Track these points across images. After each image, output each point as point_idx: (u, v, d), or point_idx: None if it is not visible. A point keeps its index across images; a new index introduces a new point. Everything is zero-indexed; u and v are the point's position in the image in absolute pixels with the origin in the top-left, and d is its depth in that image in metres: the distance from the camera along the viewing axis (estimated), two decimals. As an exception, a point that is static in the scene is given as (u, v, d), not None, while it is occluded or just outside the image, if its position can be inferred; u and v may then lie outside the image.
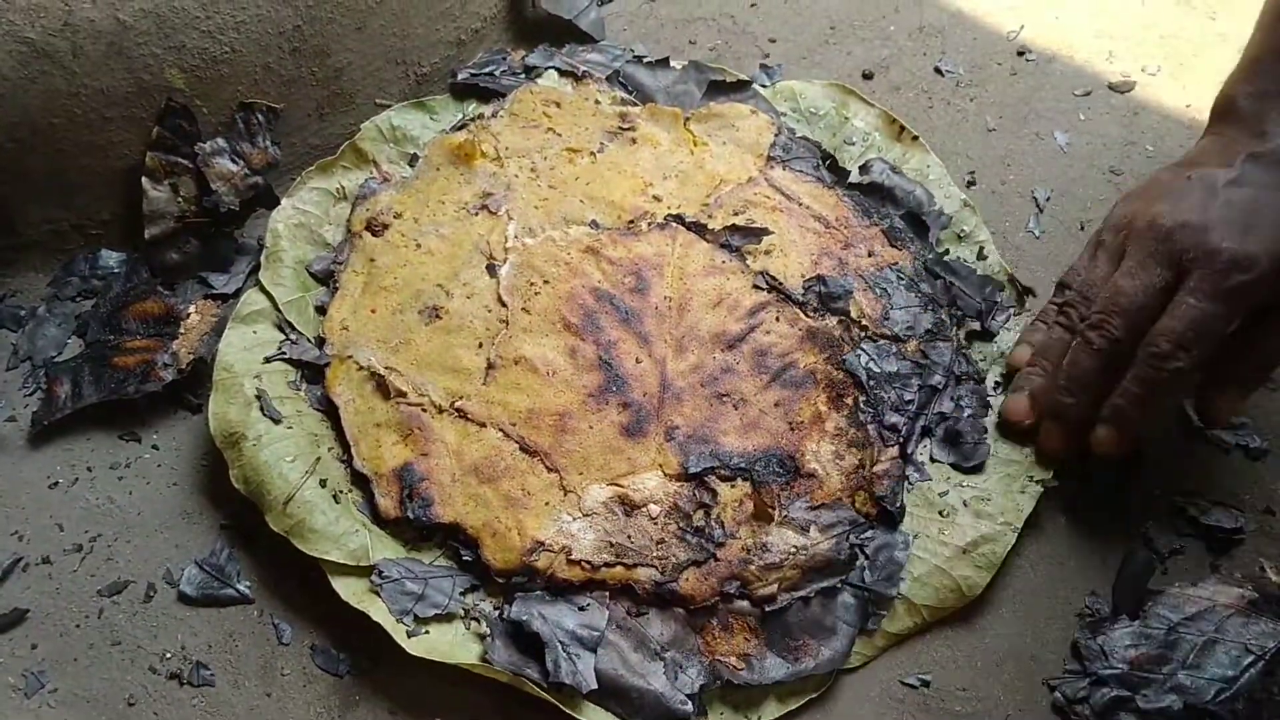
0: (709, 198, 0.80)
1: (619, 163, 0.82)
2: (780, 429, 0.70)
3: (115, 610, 0.67)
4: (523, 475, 0.68)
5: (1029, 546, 0.69)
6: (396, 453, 0.68)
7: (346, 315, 0.74)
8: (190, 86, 0.77)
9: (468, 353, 0.72)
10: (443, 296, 0.75)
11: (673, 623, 0.64)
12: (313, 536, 0.65)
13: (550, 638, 0.62)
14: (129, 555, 0.69)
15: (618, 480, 0.67)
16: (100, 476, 0.72)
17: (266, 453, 0.68)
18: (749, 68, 0.93)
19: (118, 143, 0.77)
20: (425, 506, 0.66)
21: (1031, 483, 0.69)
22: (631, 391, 0.70)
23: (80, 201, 0.79)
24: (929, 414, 0.72)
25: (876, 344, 0.73)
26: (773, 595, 0.64)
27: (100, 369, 0.74)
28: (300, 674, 0.65)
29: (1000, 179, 0.86)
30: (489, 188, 0.80)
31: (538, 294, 0.74)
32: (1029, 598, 0.68)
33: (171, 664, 0.65)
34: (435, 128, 0.85)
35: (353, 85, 0.85)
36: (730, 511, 0.67)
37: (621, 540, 0.65)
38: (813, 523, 0.66)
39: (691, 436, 0.69)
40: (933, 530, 0.68)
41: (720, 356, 0.72)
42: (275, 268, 0.76)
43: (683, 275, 0.76)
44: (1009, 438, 0.71)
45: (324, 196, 0.81)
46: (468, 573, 0.66)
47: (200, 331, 0.76)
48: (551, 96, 0.86)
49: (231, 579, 0.68)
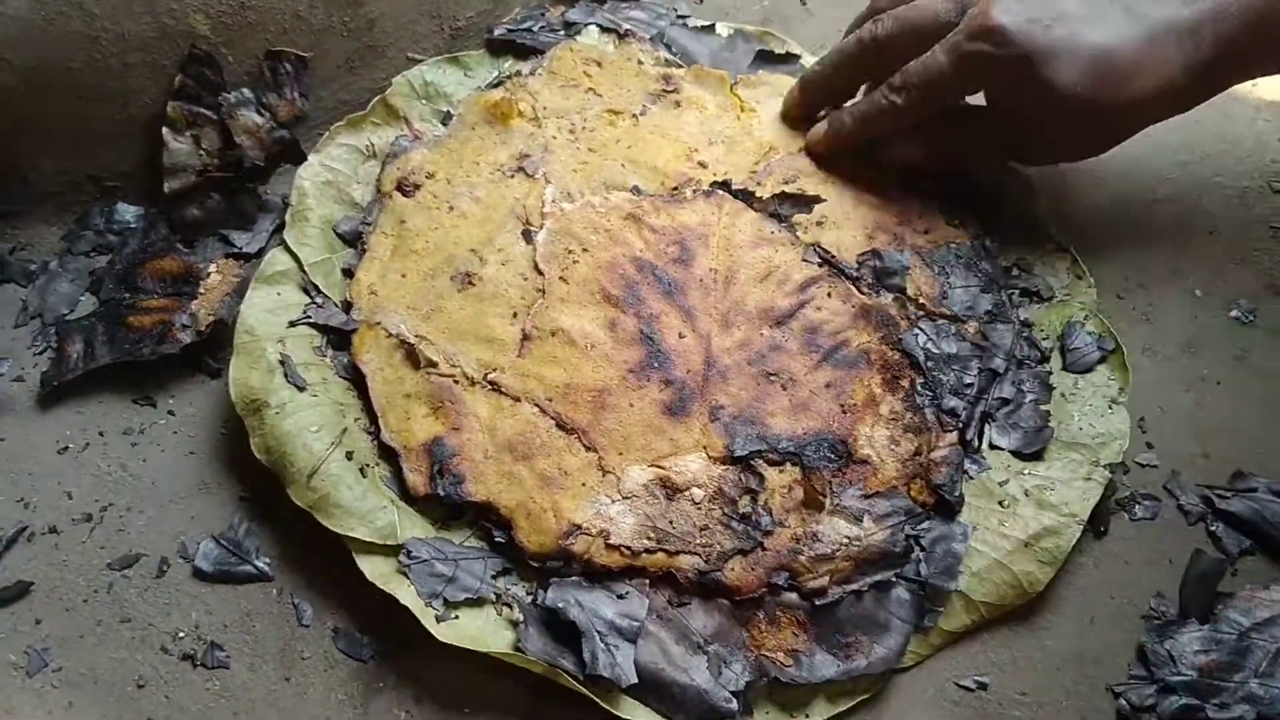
0: (757, 165, 0.77)
1: (662, 126, 0.79)
2: (832, 411, 0.67)
3: (125, 585, 0.64)
4: (559, 454, 0.64)
5: (1090, 542, 0.66)
6: (426, 426, 0.65)
7: (375, 279, 0.71)
8: (215, 32, 0.74)
9: (502, 323, 0.69)
10: (476, 263, 0.71)
11: (717, 614, 0.61)
12: (338, 512, 0.62)
13: (587, 627, 0.59)
14: (141, 527, 0.66)
15: (659, 462, 0.64)
16: (112, 442, 0.69)
17: (290, 422, 0.64)
18: (798, 32, 0.89)
19: (138, 90, 0.74)
20: (456, 484, 0.63)
21: (1098, 468, 0.66)
22: (674, 368, 0.67)
23: (97, 152, 0.76)
24: (989, 398, 0.68)
25: (935, 323, 0.70)
26: (823, 588, 0.61)
27: (114, 328, 0.71)
28: (321, 658, 0.62)
29: (1061, 156, 0.82)
30: (526, 149, 0.77)
31: (576, 262, 0.71)
32: (1091, 596, 0.65)
33: (184, 644, 0.62)
34: (470, 85, 0.82)
35: (385, 38, 0.82)
36: (778, 498, 0.64)
37: (663, 525, 0.62)
38: (866, 512, 0.63)
39: (737, 417, 0.66)
40: (992, 521, 0.64)
41: (768, 333, 0.69)
42: (301, 227, 0.73)
43: (729, 246, 0.72)
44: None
45: (352, 154, 0.77)
46: (500, 555, 0.63)
47: (221, 292, 0.73)
48: (592, 55, 0.82)
49: (250, 555, 0.65)
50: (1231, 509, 0.67)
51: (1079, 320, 0.71)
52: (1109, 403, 0.68)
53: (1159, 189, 0.81)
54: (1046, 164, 0.77)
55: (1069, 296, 0.73)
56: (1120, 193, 0.81)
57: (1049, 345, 0.71)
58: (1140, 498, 0.68)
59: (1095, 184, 0.81)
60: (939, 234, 0.74)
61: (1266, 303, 0.75)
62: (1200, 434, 0.70)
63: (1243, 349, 0.73)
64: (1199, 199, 0.80)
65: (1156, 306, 0.75)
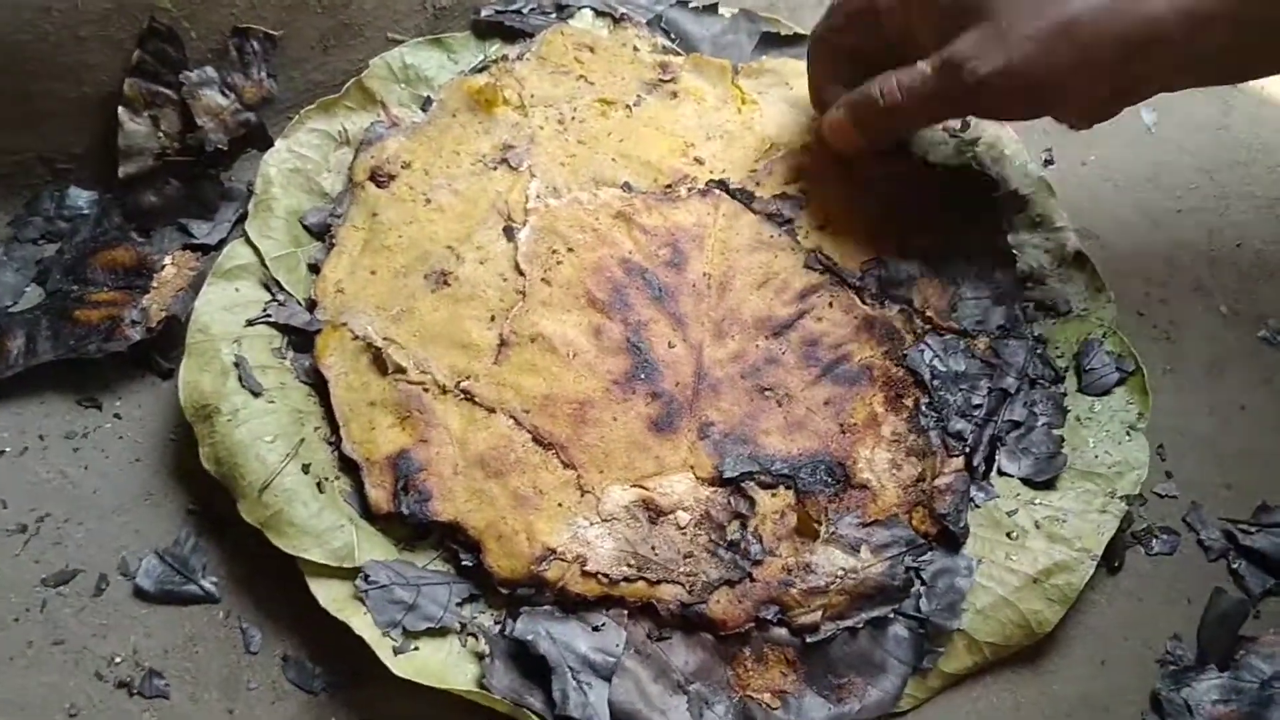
0: (758, 163, 0.73)
1: (657, 118, 0.74)
2: (830, 431, 0.63)
3: (60, 603, 0.60)
4: (535, 470, 0.61)
5: (1103, 578, 0.63)
6: (392, 437, 0.61)
7: (343, 276, 0.67)
8: (178, 5, 0.70)
9: (478, 326, 0.65)
10: (453, 260, 0.67)
11: (699, 650, 0.58)
12: (291, 531, 0.58)
13: (559, 662, 0.55)
14: (80, 540, 0.62)
15: (642, 482, 0.61)
16: (53, 447, 0.65)
17: (243, 430, 0.60)
18: (804, 18, 0.84)
19: (93, 66, 0.70)
20: (422, 501, 0.59)
21: (1114, 500, 0.62)
22: (662, 380, 0.63)
23: (48, 131, 0.72)
24: (999, 421, 0.64)
25: (943, 339, 0.66)
26: (815, 624, 0.58)
27: (59, 323, 0.67)
28: (269, 688, 0.58)
29: (1080, 159, 0.79)
30: (510, 140, 0.72)
31: (560, 263, 0.67)
32: (1103, 638, 0.62)
33: (121, 670, 0.58)
34: (453, 69, 0.78)
35: (363, 15, 0.78)
36: (769, 524, 0.60)
37: (645, 551, 0.59)
38: (864, 541, 0.60)
39: (728, 435, 0.62)
40: (999, 555, 0.61)
41: (764, 344, 0.65)
42: (265, 218, 0.69)
43: (725, 250, 0.68)
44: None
45: (324, 140, 0.73)
46: (467, 580, 0.59)
47: (176, 286, 0.69)
48: (584, 40, 0.78)
49: (195, 573, 0.61)
50: (1255, 545, 0.64)
51: (1097, 338, 0.67)
52: (1127, 429, 0.64)
53: (1184, 197, 0.77)
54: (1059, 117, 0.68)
55: (1087, 311, 0.69)
56: (1143, 201, 0.77)
57: (1064, 364, 0.67)
58: (1158, 531, 0.65)
59: (1117, 191, 0.77)
60: (952, 237, 0.70)
61: (1296, 323, 0.71)
62: (1222, 463, 0.67)
63: (1270, 372, 0.70)
64: (1226, 209, 0.77)
65: (1179, 324, 0.72)
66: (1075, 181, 0.77)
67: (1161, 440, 0.67)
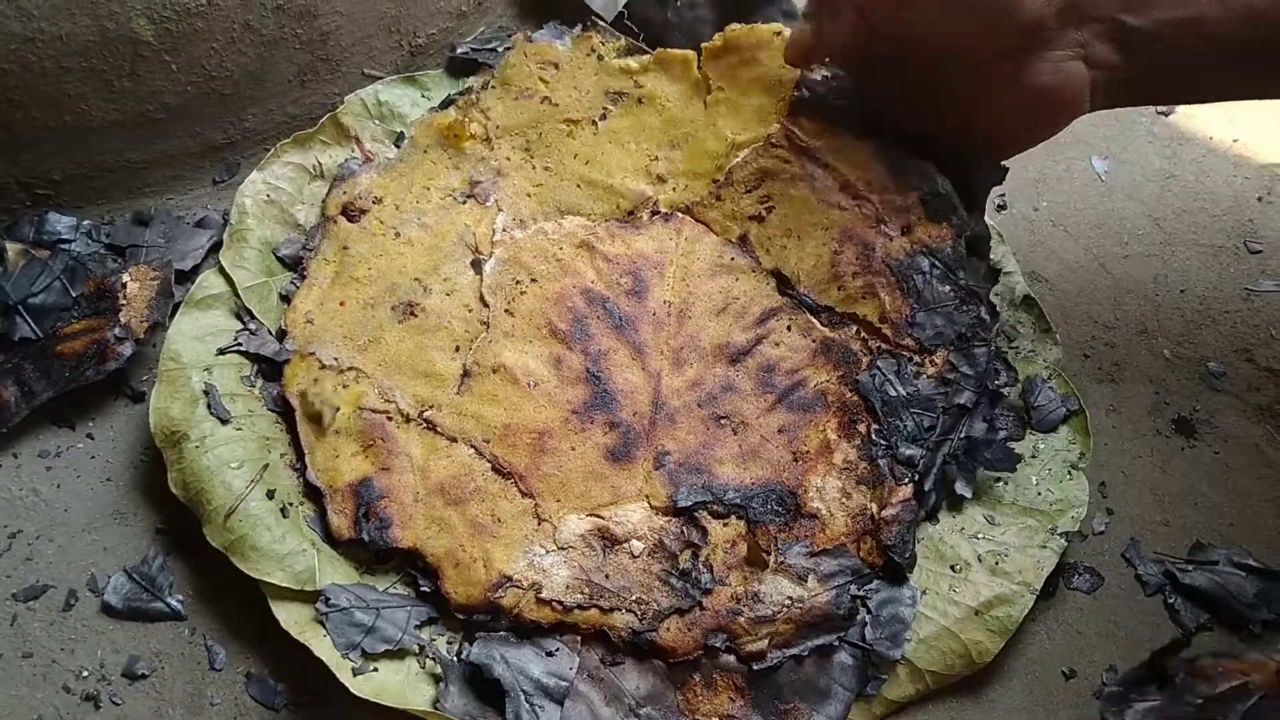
0: (719, 171, 0.73)
1: (621, 132, 0.75)
2: (783, 460, 0.64)
3: (30, 618, 0.61)
4: (494, 499, 0.62)
5: (1043, 611, 0.64)
6: (355, 465, 0.62)
7: (313, 307, 0.68)
8: (159, 39, 0.71)
9: (442, 356, 0.66)
10: (420, 292, 0.68)
11: (650, 676, 0.59)
12: (254, 555, 0.59)
13: (513, 685, 0.56)
14: (50, 556, 0.63)
15: (598, 511, 0.62)
16: (26, 465, 0.66)
17: (210, 457, 0.61)
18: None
19: (75, 96, 0.71)
20: (382, 528, 0.60)
21: (1054, 536, 0.63)
22: (620, 410, 0.65)
23: (28, 158, 0.73)
24: (954, 440, 0.65)
25: (896, 360, 0.67)
26: (762, 652, 0.59)
27: (45, 362, 0.67)
28: (231, 704, 0.59)
29: (1033, 205, 0.81)
30: (477, 175, 0.74)
31: (523, 293, 0.68)
32: (1042, 668, 0.62)
33: (88, 683, 0.59)
34: (426, 106, 0.79)
35: (340, 52, 0.79)
36: (720, 554, 0.61)
37: (599, 580, 0.60)
38: (811, 571, 0.60)
39: (683, 465, 0.63)
40: (943, 586, 0.62)
41: (721, 372, 0.66)
42: (239, 248, 0.70)
43: (686, 275, 0.70)
44: None
45: (299, 172, 0.74)
46: (426, 603, 0.60)
47: (145, 297, 0.69)
48: (548, 56, 0.78)
49: (163, 591, 0.62)
50: (1194, 583, 0.64)
51: (1042, 376, 0.69)
52: (1069, 468, 0.66)
53: (1131, 243, 0.79)
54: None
55: (1034, 353, 0.70)
56: (1092, 246, 0.79)
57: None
58: (1096, 566, 0.66)
59: (1067, 236, 0.79)
60: (919, 233, 0.69)
61: (1236, 367, 0.73)
62: (1162, 501, 0.68)
63: (1210, 414, 0.71)
64: (1172, 255, 0.78)
65: (1124, 366, 0.73)
66: (1027, 226, 0.79)
67: (1104, 478, 0.68)
